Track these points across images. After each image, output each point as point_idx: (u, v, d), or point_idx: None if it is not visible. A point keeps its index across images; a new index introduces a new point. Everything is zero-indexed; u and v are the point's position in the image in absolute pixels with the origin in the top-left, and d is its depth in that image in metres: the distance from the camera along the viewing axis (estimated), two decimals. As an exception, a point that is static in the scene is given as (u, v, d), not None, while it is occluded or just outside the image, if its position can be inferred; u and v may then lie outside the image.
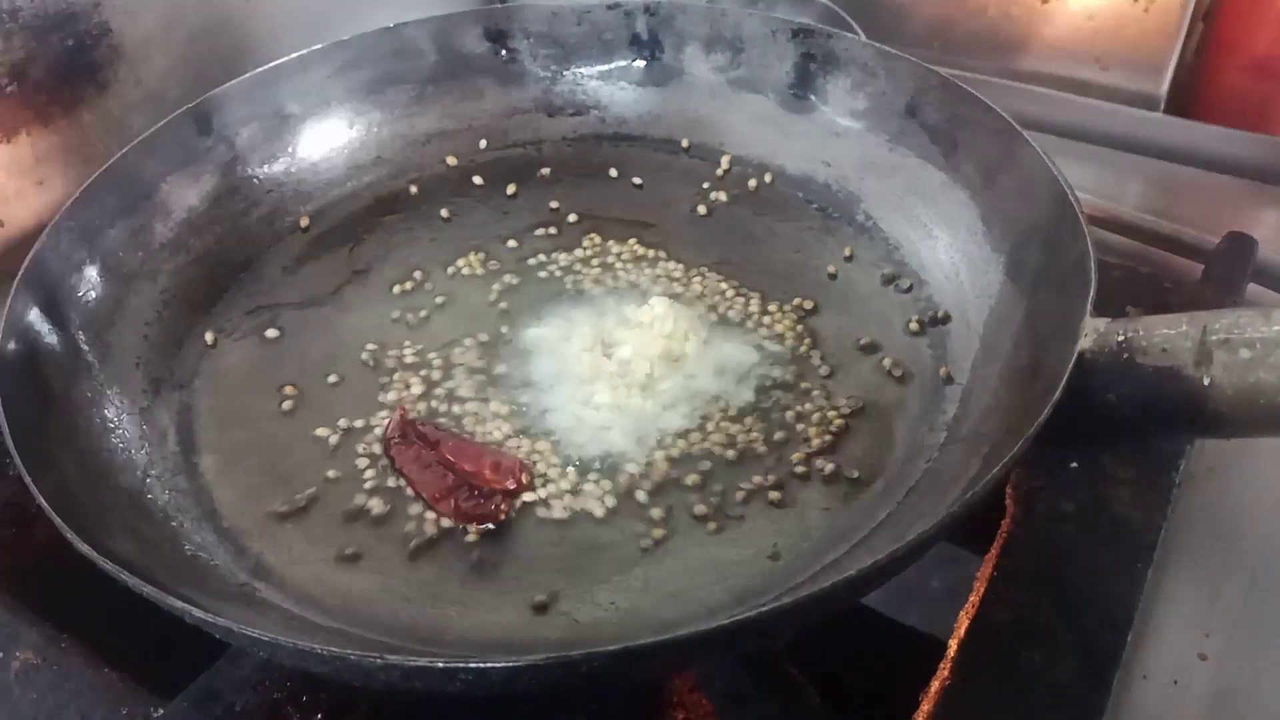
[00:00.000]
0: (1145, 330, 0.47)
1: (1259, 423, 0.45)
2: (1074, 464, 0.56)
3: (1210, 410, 0.45)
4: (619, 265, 0.69)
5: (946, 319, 0.62)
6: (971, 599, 0.50)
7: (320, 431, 0.59)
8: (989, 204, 0.63)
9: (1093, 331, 0.48)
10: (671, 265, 0.68)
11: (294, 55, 0.73)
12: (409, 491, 0.55)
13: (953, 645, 0.48)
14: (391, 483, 0.56)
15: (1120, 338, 0.47)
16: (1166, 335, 0.46)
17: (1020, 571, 0.52)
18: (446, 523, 0.54)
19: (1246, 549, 0.55)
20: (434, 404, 0.60)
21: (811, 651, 0.63)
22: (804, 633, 0.65)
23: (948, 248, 0.65)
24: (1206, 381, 0.44)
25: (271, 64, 0.73)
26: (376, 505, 0.55)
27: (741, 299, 0.66)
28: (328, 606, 0.50)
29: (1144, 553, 0.52)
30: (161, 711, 0.48)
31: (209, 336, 0.64)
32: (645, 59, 0.78)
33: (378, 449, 0.58)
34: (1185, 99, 0.87)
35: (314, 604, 0.50)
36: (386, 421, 0.58)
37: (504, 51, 0.78)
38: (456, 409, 0.60)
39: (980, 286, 0.62)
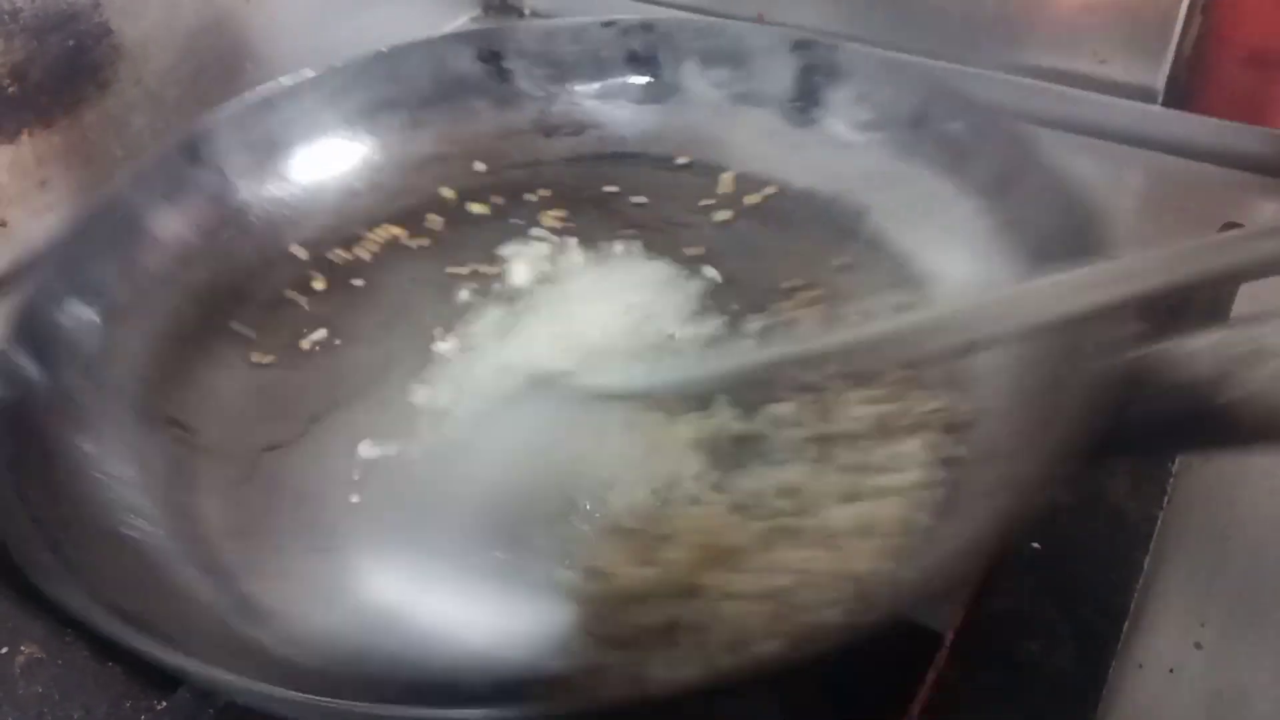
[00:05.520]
0: (1167, 346, 0.45)
1: None
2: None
3: (1233, 427, 0.43)
4: (621, 285, 0.67)
5: None
6: (968, 590, 0.51)
7: (313, 468, 0.57)
8: (1003, 213, 0.60)
9: (1112, 346, 0.46)
10: (676, 283, 0.66)
11: (285, 82, 0.72)
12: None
13: (950, 636, 0.49)
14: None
15: (1142, 353, 0.45)
16: (1189, 351, 0.44)
17: (1018, 562, 0.52)
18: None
19: (1243, 538, 0.55)
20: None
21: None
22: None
23: (960, 260, 0.62)
24: (1230, 398, 0.43)
25: (263, 92, 0.72)
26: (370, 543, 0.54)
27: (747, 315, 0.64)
28: (320, 649, 0.48)
29: (1141, 542, 0.53)
30: (164, 704, 0.49)
31: (202, 371, 0.63)
32: (643, 76, 0.77)
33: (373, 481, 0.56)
34: (1183, 92, 0.87)
35: (304, 645, 0.49)
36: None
37: (499, 72, 0.77)
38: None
39: None
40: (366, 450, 0.58)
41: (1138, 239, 0.74)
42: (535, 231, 0.72)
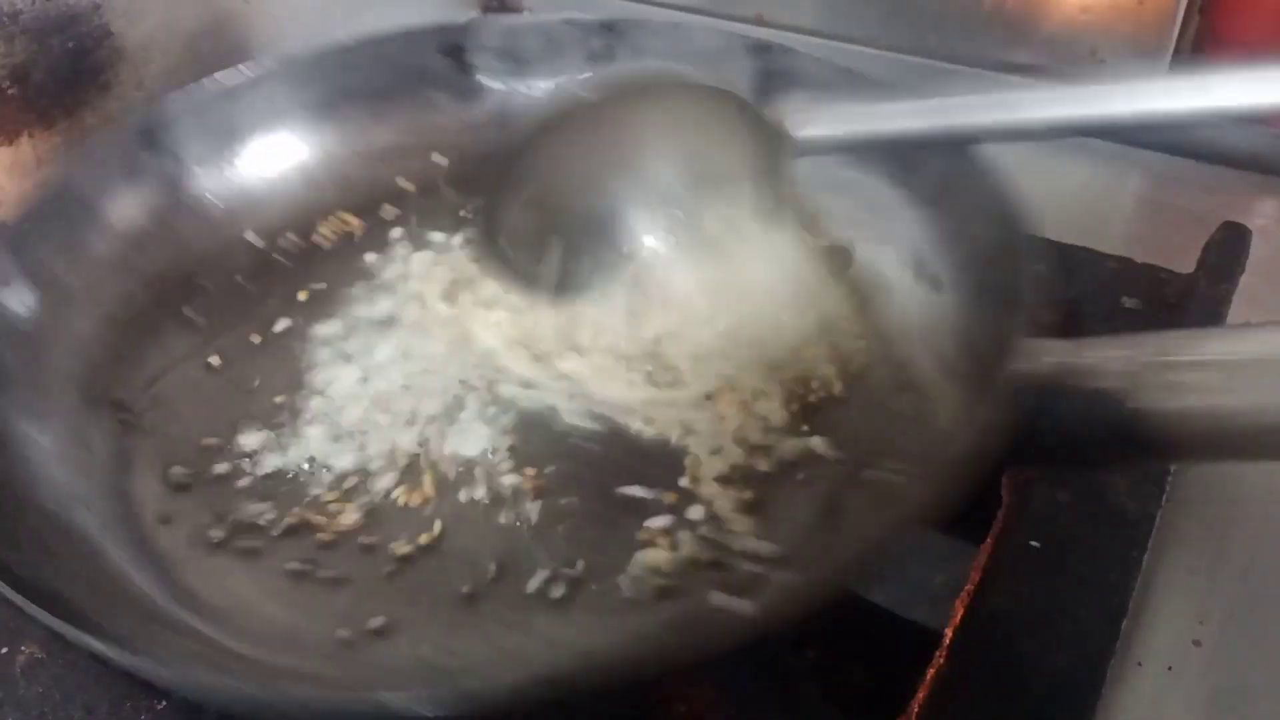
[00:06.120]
0: (1079, 355, 0.45)
1: (1193, 449, 0.43)
2: (1069, 454, 0.56)
3: (1143, 438, 0.43)
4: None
5: None
6: (967, 588, 0.51)
7: (260, 461, 0.57)
8: (941, 223, 0.61)
9: (1029, 356, 0.45)
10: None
11: (246, 71, 0.72)
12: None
13: (949, 634, 0.49)
14: (343, 514, 0.54)
15: (1055, 362, 0.45)
16: (1100, 358, 0.44)
17: (1016, 561, 0.52)
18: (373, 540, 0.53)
19: (1242, 537, 0.55)
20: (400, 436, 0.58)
21: (808, 644, 0.64)
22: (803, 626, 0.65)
23: (897, 265, 0.63)
24: (1136, 407, 0.43)
25: (223, 79, 0.71)
26: (311, 533, 0.53)
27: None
28: (255, 635, 0.49)
29: (1139, 541, 0.53)
30: (165, 703, 0.49)
31: (151, 358, 0.63)
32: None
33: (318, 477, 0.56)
34: (1182, 91, 0.87)
35: (241, 633, 0.49)
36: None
37: (461, 66, 0.77)
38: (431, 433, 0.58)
39: (927, 306, 0.60)
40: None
41: (1138, 239, 0.75)
42: None
